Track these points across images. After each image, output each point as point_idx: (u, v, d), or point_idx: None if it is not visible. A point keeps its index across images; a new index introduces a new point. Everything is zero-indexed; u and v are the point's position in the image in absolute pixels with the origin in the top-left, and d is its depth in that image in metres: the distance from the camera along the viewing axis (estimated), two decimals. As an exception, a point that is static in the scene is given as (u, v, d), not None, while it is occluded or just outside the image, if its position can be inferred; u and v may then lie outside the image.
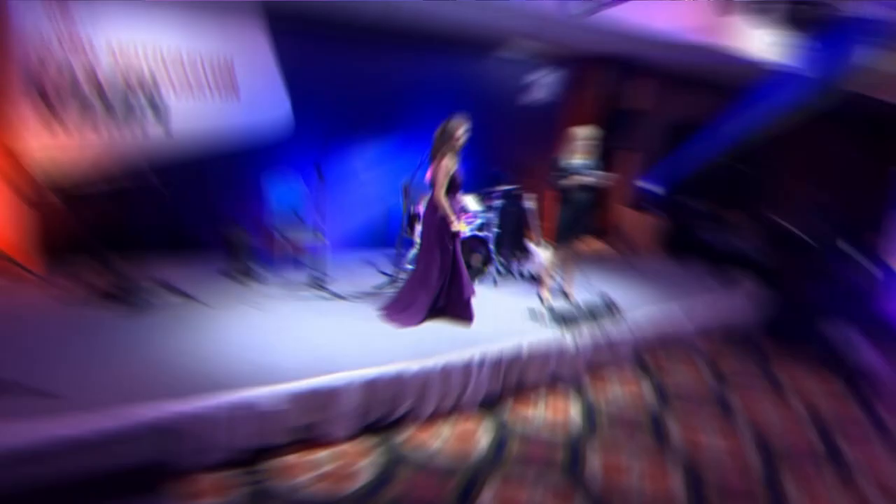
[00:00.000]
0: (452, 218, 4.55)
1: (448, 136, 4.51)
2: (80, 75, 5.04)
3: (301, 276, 5.41)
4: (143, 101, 5.40)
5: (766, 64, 6.77)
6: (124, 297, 4.48)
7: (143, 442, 2.88)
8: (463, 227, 4.70)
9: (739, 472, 3.78)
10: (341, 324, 4.46)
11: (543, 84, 7.97)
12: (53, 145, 5.01)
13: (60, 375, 3.28)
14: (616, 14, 5.27)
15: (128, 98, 5.29)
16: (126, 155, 5.33)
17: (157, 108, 5.47)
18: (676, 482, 3.59)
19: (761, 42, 6.43)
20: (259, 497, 3.06)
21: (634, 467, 3.70)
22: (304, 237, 5.62)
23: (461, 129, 4.52)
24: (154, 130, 5.50)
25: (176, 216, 5.66)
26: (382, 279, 5.60)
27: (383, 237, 6.81)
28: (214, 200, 5.78)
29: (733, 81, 7.66)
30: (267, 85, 6.01)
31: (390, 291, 5.22)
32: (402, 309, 4.69)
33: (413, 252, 5.64)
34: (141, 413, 2.96)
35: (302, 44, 6.04)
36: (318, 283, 5.17)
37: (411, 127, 6.72)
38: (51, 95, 4.94)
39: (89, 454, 2.75)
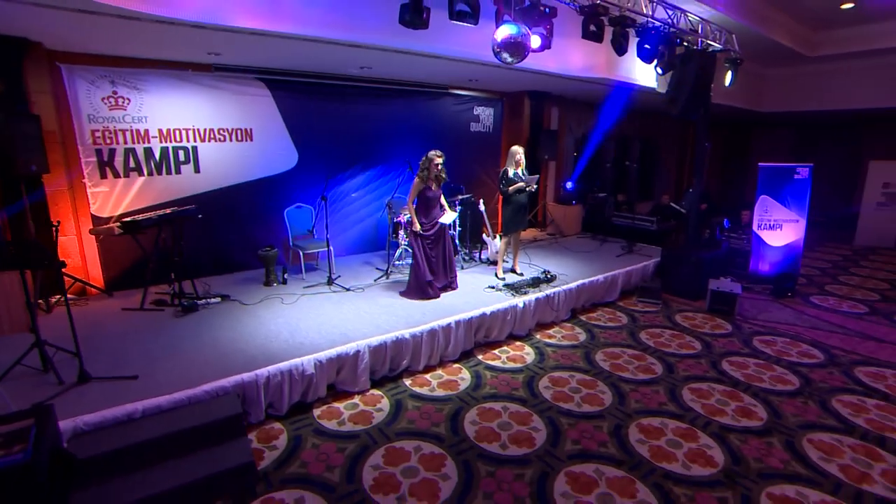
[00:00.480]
0: (414, 220, 5.05)
1: (426, 164, 5.01)
2: (130, 139, 5.31)
3: (316, 277, 5.79)
4: (182, 156, 5.69)
5: (645, 88, 7.42)
6: (177, 303, 4.80)
7: (226, 402, 3.28)
8: (418, 228, 5.15)
9: (649, 382, 4.34)
10: (350, 308, 4.89)
11: (486, 115, 8.46)
12: (110, 190, 5.28)
13: (157, 364, 3.62)
14: (536, 60, 5.74)
15: (169, 154, 5.58)
16: (170, 194, 5.63)
17: (195, 161, 5.76)
18: (606, 394, 4.14)
19: (642, 73, 7.04)
20: (314, 433, 3.48)
21: (574, 388, 4.23)
22: (316, 248, 5.98)
23: (435, 160, 5.02)
24: (192, 178, 5.78)
25: (216, 242, 5.98)
26: (378, 274, 5.99)
27: (375, 243, 7.25)
28: (246, 229, 6.13)
29: (624, 103, 8.29)
30: (280, 143, 6.36)
31: (386, 282, 5.65)
32: (411, 288, 5.26)
33: (399, 251, 6.08)
34: (222, 382, 3.36)
35: (304, 104, 6.43)
36: (330, 281, 5.55)
37: (389, 157, 7.16)
38: (105, 153, 5.19)
39: (191, 413, 3.14)
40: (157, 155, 5.56)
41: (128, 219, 4.69)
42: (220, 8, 4.02)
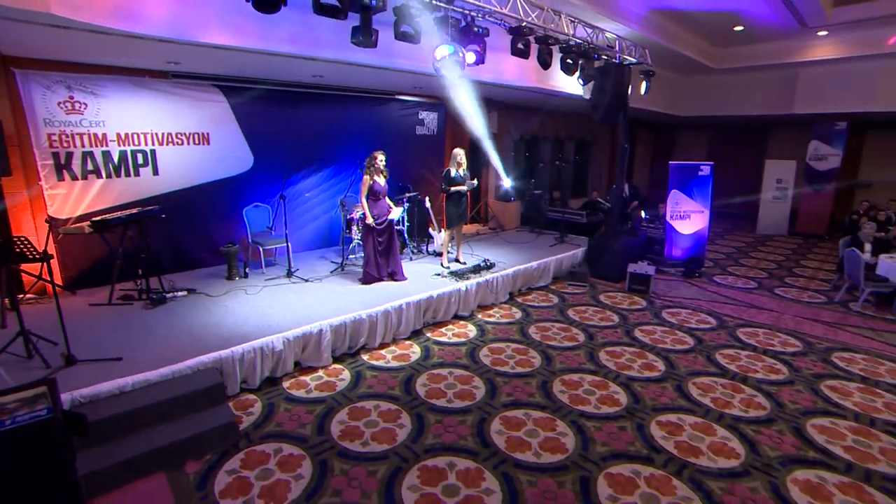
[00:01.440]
0: (368, 214, 5.65)
1: (370, 162, 5.62)
2: (88, 142, 5.57)
3: (276, 271, 6.25)
4: (141, 159, 5.97)
5: (573, 95, 8.35)
6: (145, 297, 5.16)
7: (207, 374, 3.77)
8: (371, 221, 5.76)
9: (572, 348, 5.15)
10: (310, 295, 5.41)
11: (430, 119, 9.13)
12: (68, 192, 5.52)
13: (136, 349, 4.04)
14: (474, 72, 6.45)
15: (127, 157, 5.86)
16: (129, 196, 5.91)
17: (153, 164, 6.06)
18: (536, 359, 4.91)
19: (568, 83, 7.92)
20: (286, 400, 4.03)
21: (510, 355, 4.98)
22: (274, 244, 6.44)
23: (377, 157, 5.63)
24: (151, 180, 6.07)
25: (176, 241, 6.30)
26: (333, 266, 6.52)
27: (329, 239, 7.76)
28: (205, 228, 6.51)
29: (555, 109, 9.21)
30: (236, 146, 6.73)
31: (342, 273, 6.20)
32: (365, 275, 5.86)
33: (353, 245, 6.64)
34: (202, 358, 3.84)
35: (259, 109, 6.80)
36: (290, 273, 6.04)
37: (340, 158, 7.69)
38: (62, 156, 5.43)
39: (176, 384, 3.61)
40: (116, 158, 5.82)
41: (97, 218, 5.00)
42: (188, 24, 4.44)
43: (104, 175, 5.76)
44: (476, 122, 8.74)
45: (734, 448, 3.53)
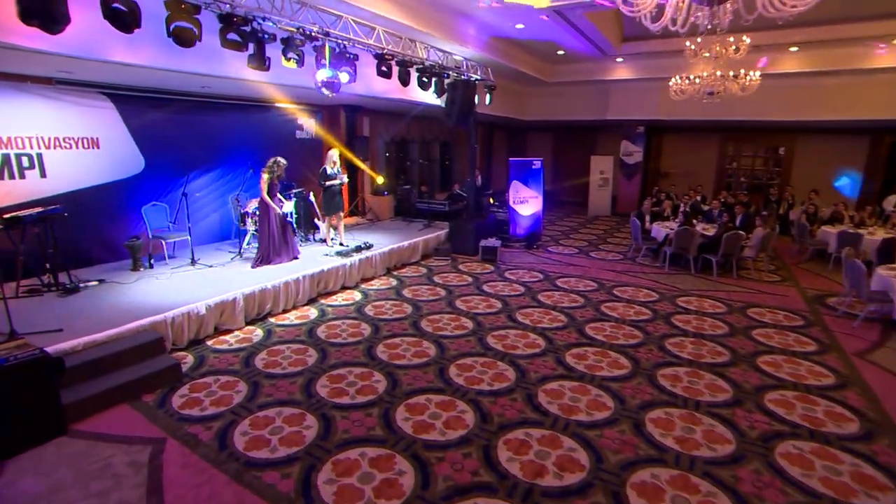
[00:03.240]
0: (273, 205, 6.83)
1: (274, 165, 6.83)
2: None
3: (178, 261, 7.08)
4: (27, 162, 6.39)
5: (433, 105, 10.11)
6: (54, 289, 5.77)
7: (148, 333, 4.76)
8: (277, 210, 6.95)
9: (436, 300, 6.85)
10: (219, 276, 6.40)
11: (309, 124, 10.31)
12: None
13: (71, 323, 4.85)
14: (347, 86, 7.83)
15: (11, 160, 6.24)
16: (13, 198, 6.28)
17: (40, 167, 6.50)
18: (409, 308, 6.51)
19: (425, 95, 9.64)
20: (213, 352, 5.14)
21: (389, 308, 6.52)
22: (176, 238, 7.25)
23: (281, 162, 6.88)
24: (38, 183, 6.50)
25: (70, 240, 6.76)
26: (233, 255, 7.49)
27: (220, 234, 8.63)
28: (100, 227, 7.08)
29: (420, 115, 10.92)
30: (127, 150, 7.32)
31: (241, 259, 7.23)
32: (260, 259, 6.90)
33: (249, 236, 7.69)
34: (140, 322, 4.82)
35: (149, 115, 7.45)
36: (193, 262, 6.93)
37: (228, 160, 8.60)
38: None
39: (124, 341, 4.57)
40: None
41: (8, 215, 5.52)
42: (96, 43, 5.22)
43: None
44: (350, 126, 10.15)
45: (537, 341, 5.45)
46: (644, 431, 3.83)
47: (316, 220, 8.88)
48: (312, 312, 6.40)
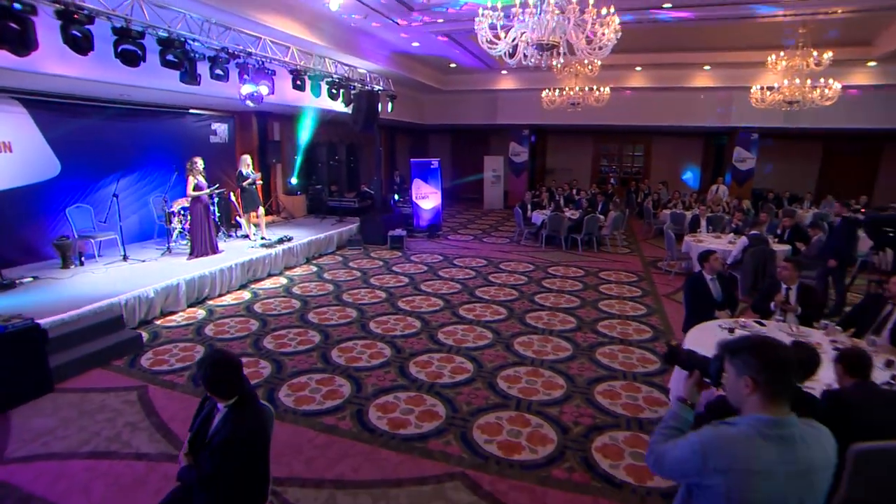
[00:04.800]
0: (203, 196, 7.74)
1: (191, 165, 7.67)
2: None
3: (108, 259, 7.70)
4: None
5: (342, 113, 11.33)
6: None
7: (107, 312, 5.61)
8: (208, 201, 7.84)
9: (352, 280, 8.15)
10: (156, 267, 7.17)
11: (222, 130, 11.05)
12: None
13: (27, 310, 5.56)
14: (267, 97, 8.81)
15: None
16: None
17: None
18: (330, 286, 7.76)
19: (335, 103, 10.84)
20: (164, 329, 6.07)
21: (314, 288, 7.72)
22: (104, 237, 7.83)
23: (198, 162, 7.72)
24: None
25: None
26: (162, 251, 8.20)
27: (142, 233, 9.21)
28: (16, 230, 7.37)
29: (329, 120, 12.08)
30: (41, 154, 7.63)
31: (171, 255, 8.01)
32: (194, 251, 7.74)
33: (176, 233, 8.45)
34: (98, 304, 5.64)
35: (64, 120, 7.83)
36: (125, 257, 7.61)
37: (147, 163, 9.20)
38: None
39: (89, 318, 5.41)
40: None
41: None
42: (33, 58, 5.85)
43: None
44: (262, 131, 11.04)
45: (437, 303, 6.98)
46: (496, 387, 5.51)
47: (238, 218, 9.77)
48: (246, 295, 7.43)
